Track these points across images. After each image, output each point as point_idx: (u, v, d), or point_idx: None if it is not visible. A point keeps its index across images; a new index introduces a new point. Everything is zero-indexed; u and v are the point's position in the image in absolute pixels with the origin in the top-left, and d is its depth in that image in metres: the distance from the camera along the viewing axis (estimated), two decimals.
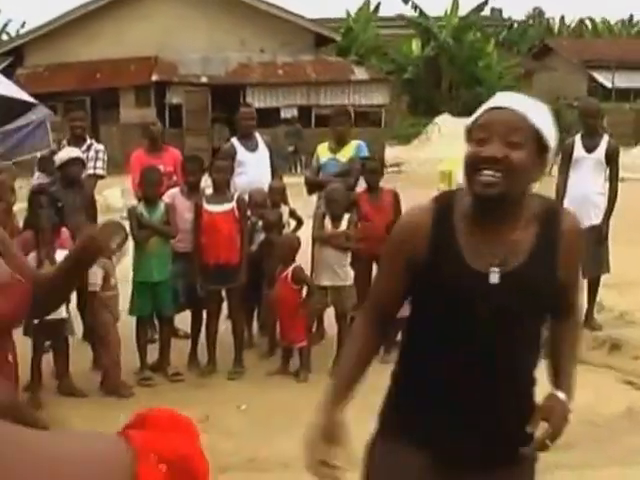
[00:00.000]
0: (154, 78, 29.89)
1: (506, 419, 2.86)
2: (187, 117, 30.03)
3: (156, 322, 8.35)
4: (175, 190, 8.25)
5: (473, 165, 2.71)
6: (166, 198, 8.02)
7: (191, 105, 29.94)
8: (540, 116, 2.76)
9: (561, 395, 2.89)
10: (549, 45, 50.74)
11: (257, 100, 27.27)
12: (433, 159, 26.17)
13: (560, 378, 2.96)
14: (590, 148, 9.18)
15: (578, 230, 2.95)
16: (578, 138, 9.33)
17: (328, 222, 8.17)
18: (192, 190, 8.11)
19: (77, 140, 9.32)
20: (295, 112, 29.99)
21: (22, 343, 5.51)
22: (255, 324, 9.10)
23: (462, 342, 2.80)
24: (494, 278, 2.77)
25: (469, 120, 2.82)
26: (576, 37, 63.01)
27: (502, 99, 2.80)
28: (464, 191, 2.81)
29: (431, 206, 2.89)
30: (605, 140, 9.22)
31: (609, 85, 44.64)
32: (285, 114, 29.65)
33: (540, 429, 2.83)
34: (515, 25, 60.49)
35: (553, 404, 2.86)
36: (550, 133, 2.76)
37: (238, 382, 7.96)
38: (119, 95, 30.32)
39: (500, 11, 58.56)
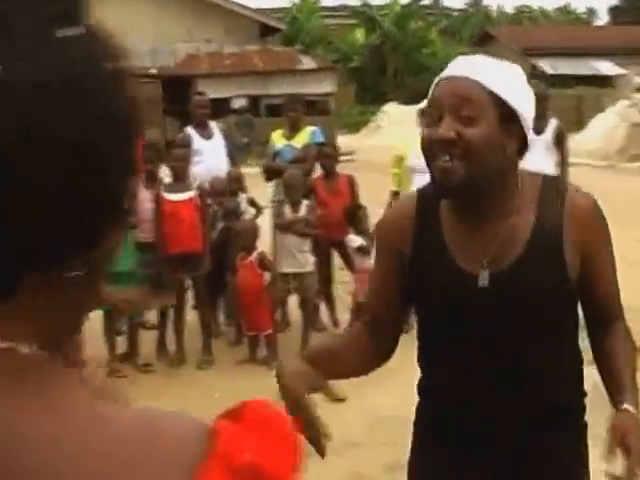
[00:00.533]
0: None
1: (527, 418, 2.48)
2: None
3: None
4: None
5: (427, 150, 2.31)
6: None
7: (142, 97, 29.63)
8: (501, 78, 2.28)
9: (629, 407, 2.30)
10: (490, 33, 50.90)
11: (207, 91, 27.07)
12: (384, 147, 26.15)
13: (622, 394, 2.35)
14: (539, 130, 9.19)
15: (590, 208, 2.44)
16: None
17: (287, 209, 8.13)
18: (150, 179, 8.02)
19: None
20: (244, 102, 29.87)
21: None
22: (221, 313, 9.02)
23: (460, 344, 2.45)
24: (483, 280, 2.39)
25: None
26: (515, 25, 63.37)
27: (454, 66, 2.33)
28: None
29: (415, 197, 2.54)
30: (553, 123, 9.24)
31: (549, 71, 44.91)
32: (235, 104, 29.50)
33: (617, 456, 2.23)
34: (455, 13, 60.85)
35: (623, 422, 2.26)
36: (517, 96, 2.29)
37: (208, 371, 7.88)
38: None
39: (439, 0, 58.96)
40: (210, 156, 8.89)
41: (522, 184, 2.43)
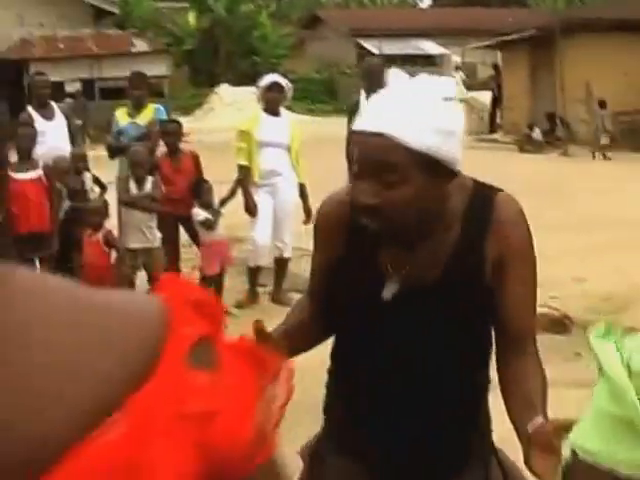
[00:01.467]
0: None
1: (436, 432, 2.30)
2: None
3: None
4: None
5: (354, 205, 2.15)
6: None
7: None
8: (420, 123, 2.01)
9: (539, 418, 2.08)
10: (318, 15, 51.19)
11: None
12: (218, 128, 26.12)
13: (534, 413, 2.11)
14: None
15: (517, 220, 2.23)
16: (363, 97, 9.45)
17: (133, 185, 8.03)
18: None
19: None
20: (79, 86, 29.29)
21: None
22: None
23: (375, 350, 2.29)
24: (395, 297, 2.22)
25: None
26: (343, 8, 63.86)
27: (369, 116, 2.09)
28: None
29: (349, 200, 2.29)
30: None
31: (377, 52, 45.47)
32: (69, 88, 28.89)
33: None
34: None
35: (539, 429, 2.04)
36: (441, 139, 2.02)
37: None
38: None
39: None
40: (52, 136, 8.71)
41: (451, 199, 2.18)
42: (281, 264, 8.77)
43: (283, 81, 8.59)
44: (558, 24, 23.97)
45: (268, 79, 8.56)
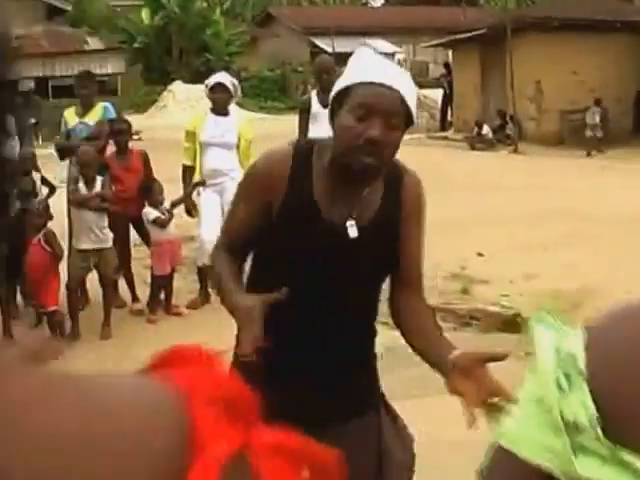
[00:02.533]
0: None
1: (342, 371, 2.82)
2: None
3: None
4: None
5: (353, 143, 2.61)
6: None
7: None
8: (412, 94, 2.72)
9: (457, 351, 2.60)
10: (271, 13, 51.10)
11: None
12: (171, 125, 25.90)
13: (441, 343, 2.72)
14: (326, 104, 9.23)
15: (420, 195, 2.88)
16: (314, 94, 9.38)
17: (82, 185, 7.87)
18: None
19: None
20: (32, 84, 28.95)
21: None
22: (18, 295, 8.65)
23: (305, 292, 2.71)
24: (352, 232, 2.74)
25: (342, 83, 2.69)
26: (295, 6, 63.80)
27: (381, 73, 2.66)
28: (324, 146, 2.76)
29: (290, 153, 2.78)
30: None
31: (329, 50, 45.47)
32: (22, 87, 28.55)
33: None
34: None
35: (460, 355, 2.56)
36: (415, 109, 2.74)
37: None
38: None
39: None
40: None
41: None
42: None
43: (228, 80, 8.45)
44: (509, 23, 24.04)
45: (213, 79, 8.45)
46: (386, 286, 2.95)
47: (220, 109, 8.37)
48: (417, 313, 2.88)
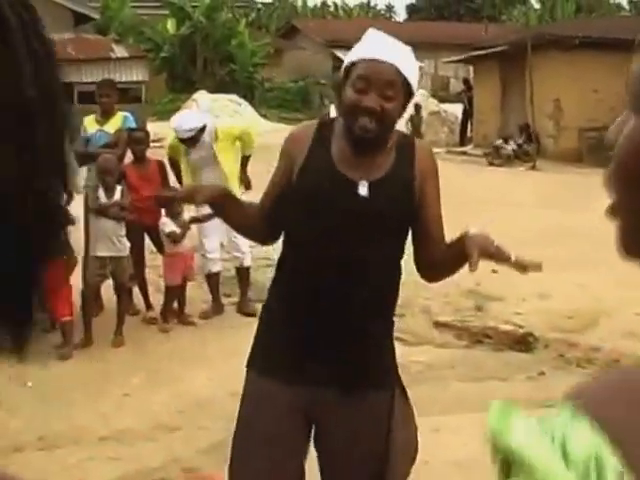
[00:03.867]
0: None
1: (360, 339, 3.00)
2: None
3: None
4: None
5: (353, 111, 2.91)
6: None
7: None
8: (410, 66, 2.95)
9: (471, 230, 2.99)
10: (295, 26, 51.16)
11: None
12: None
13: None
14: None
15: (431, 157, 3.15)
16: (333, 108, 9.32)
17: (102, 193, 7.81)
18: None
19: None
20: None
21: None
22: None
23: (321, 248, 2.95)
24: (363, 189, 2.96)
25: (348, 59, 3.01)
26: (319, 19, 63.92)
27: (379, 49, 2.95)
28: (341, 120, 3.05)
29: (316, 123, 3.16)
30: None
31: None
32: None
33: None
34: (263, 7, 60.94)
35: (475, 236, 2.97)
36: (415, 80, 2.98)
37: (21, 359, 7.49)
38: None
39: None
40: None
41: (392, 136, 3.05)
42: (242, 273, 8.62)
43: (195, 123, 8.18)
44: (529, 40, 23.92)
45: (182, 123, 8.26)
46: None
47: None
48: (443, 253, 3.09)
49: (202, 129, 8.08)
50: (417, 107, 25.76)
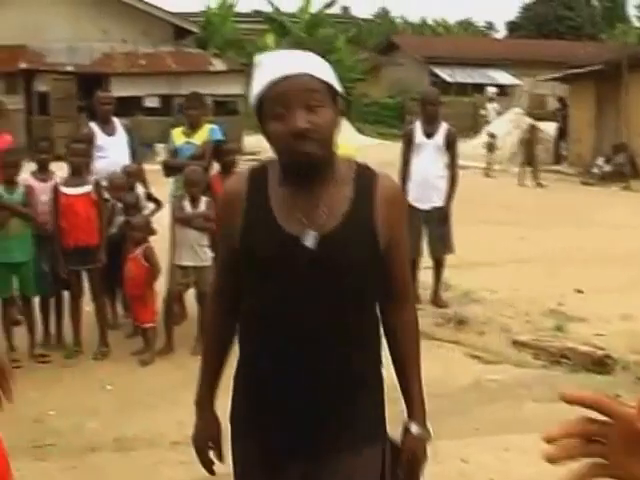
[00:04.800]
0: (21, 66, 28.89)
1: (330, 401, 2.55)
2: (54, 105, 29.13)
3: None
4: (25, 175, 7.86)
5: (282, 143, 2.43)
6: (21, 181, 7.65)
7: (58, 93, 29.03)
8: (320, 66, 2.50)
9: (415, 429, 2.69)
10: (394, 42, 51.16)
11: (120, 89, 26.67)
12: None
13: (409, 392, 2.70)
14: (430, 134, 9.16)
15: (396, 191, 2.69)
16: (418, 124, 9.30)
17: (187, 203, 7.93)
18: (42, 170, 7.77)
19: None
20: (157, 101, 29.55)
21: None
22: (120, 305, 8.77)
23: (276, 313, 2.50)
24: (310, 241, 2.46)
25: (254, 96, 2.49)
26: (418, 35, 63.80)
27: (282, 65, 2.46)
28: (275, 160, 2.56)
29: (246, 175, 2.63)
30: (444, 127, 9.22)
31: (448, 79, 45.31)
32: (148, 103, 29.15)
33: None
34: (362, 23, 61.03)
35: (412, 446, 2.68)
36: (333, 78, 2.50)
37: (103, 362, 7.64)
38: None
39: (348, 9, 59.04)
40: (113, 152, 8.69)
41: (337, 161, 2.57)
42: None
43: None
44: (625, 59, 23.53)
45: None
46: None
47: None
48: (399, 329, 2.69)
49: None
50: (532, 127, 25.45)
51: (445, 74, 46.04)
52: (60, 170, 7.86)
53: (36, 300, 7.93)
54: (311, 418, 2.53)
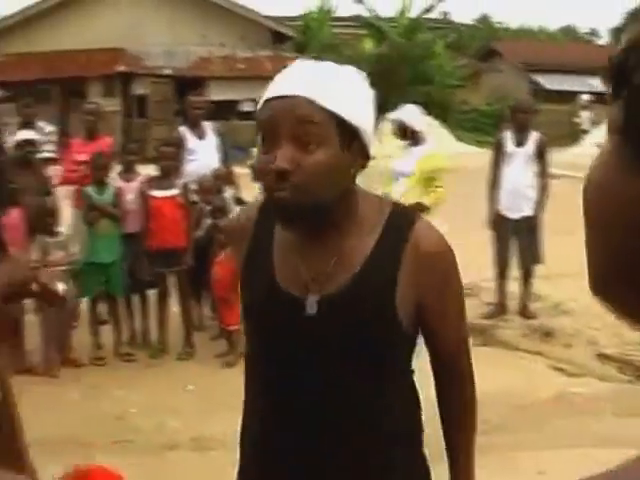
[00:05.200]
0: (119, 69, 29.43)
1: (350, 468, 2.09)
2: (152, 108, 29.60)
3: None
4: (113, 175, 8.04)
5: (261, 179, 1.97)
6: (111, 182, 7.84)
7: (156, 96, 29.48)
8: (338, 92, 1.94)
9: None
10: (494, 48, 50.71)
11: (218, 93, 26.98)
12: (380, 154, 26.09)
13: (455, 471, 2.26)
14: (520, 142, 9.10)
15: (435, 247, 2.06)
16: (509, 133, 9.25)
17: None
18: (128, 171, 7.95)
19: (27, 125, 9.19)
20: (253, 105, 29.80)
21: None
22: (206, 307, 8.90)
23: (282, 391, 2.11)
24: (311, 307, 2.02)
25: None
26: (519, 41, 63.19)
27: (282, 83, 1.96)
28: None
29: (257, 204, 2.20)
30: (534, 135, 9.14)
31: (548, 87, 44.76)
32: (245, 107, 29.40)
33: None
34: (462, 28, 60.70)
35: None
36: (357, 110, 1.97)
37: (187, 363, 7.79)
38: (86, 85, 29.84)
39: (447, 14, 58.70)
40: (203, 155, 8.81)
41: (363, 205, 2.08)
42: None
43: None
44: None
45: None
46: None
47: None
48: (443, 406, 2.24)
49: None
50: None
51: (545, 81, 45.50)
52: (148, 171, 8.03)
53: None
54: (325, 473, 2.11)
